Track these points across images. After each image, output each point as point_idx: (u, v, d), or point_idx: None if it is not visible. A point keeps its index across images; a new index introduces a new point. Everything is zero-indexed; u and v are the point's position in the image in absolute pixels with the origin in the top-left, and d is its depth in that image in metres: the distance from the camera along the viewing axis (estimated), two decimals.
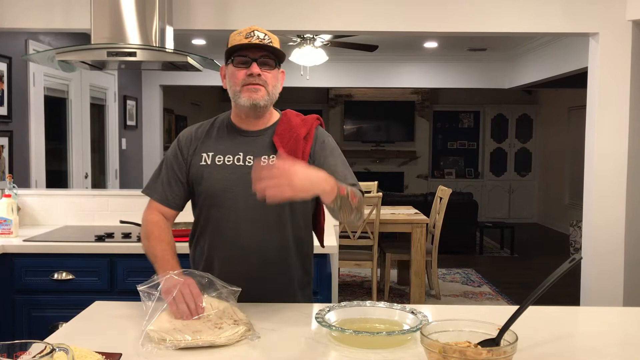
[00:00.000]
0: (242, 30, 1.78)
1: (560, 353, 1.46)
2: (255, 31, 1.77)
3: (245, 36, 1.76)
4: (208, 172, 1.82)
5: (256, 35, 1.76)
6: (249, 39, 1.75)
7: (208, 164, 1.83)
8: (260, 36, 1.76)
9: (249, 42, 1.75)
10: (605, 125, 3.72)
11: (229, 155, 1.82)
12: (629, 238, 3.72)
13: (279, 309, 1.78)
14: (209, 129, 1.90)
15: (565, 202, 9.69)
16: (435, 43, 7.43)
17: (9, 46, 4.57)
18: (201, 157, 1.85)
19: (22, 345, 1.09)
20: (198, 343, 1.42)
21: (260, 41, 1.75)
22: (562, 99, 9.80)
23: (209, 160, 1.84)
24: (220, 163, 1.82)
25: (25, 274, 2.84)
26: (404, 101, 10.87)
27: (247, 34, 1.76)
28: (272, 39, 1.79)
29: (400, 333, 1.47)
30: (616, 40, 3.67)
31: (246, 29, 1.78)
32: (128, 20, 3.13)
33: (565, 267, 1.34)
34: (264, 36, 1.77)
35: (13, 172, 4.54)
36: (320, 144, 1.87)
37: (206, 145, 1.86)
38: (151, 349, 1.40)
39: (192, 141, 1.88)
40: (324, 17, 3.70)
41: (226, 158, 1.82)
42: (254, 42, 1.75)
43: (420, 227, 5.07)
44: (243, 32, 1.77)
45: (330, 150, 1.87)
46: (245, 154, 1.82)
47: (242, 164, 1.81)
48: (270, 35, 1.79)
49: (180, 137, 1.91)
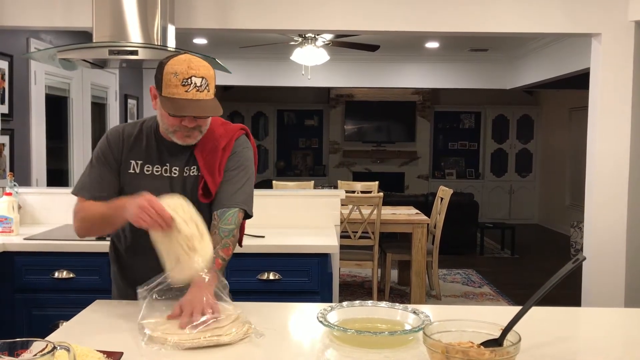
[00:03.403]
0: (178, 72, 1.66)
1: (562, 354, 1.46)
2: (193, 77, 1.66)
3: (182, 82, 1.66)
4: (136, 181, 1.83)
5: (193, 83, 1.66)
6: (185, 87, 1.66)
7: (137, 173, 1.85)
8: (197, 83, 1.66)
9: (185, 93, 1.66)
10: (607, 127, 3.71)
11: (157, 165, 1.85)
12: (630, 239, 3.72)
13: (280, 308, 1.78)
14: (137, 133, 1.89)
15: (566, 203, 9.69)
16: (436, 43, 7.42)
17: (10, 44, 4.57)
18: (129, 164, 1.86)
19: (24, 344, 1.08)
20: (202, 343, 1.41)
21: (197, 90, 1.66)
22: (564, 100, 9.80)
23: (137, 168, 1.85)
24: (149, 172, 1.85)
25: (25, 272, 2.83)
26: (405, 101, 10.87)
27: (184, 81, 1.66)
28: (208, 81, 1.69)
29: (403, 333, 1.47)
30: (618, 41, 3.66)
31: (183, 71, 1.66)
32: (130, 19, 3.13)
33: (569, 268, 1.34)
34: (201, 82, 1.67)
35: (14, 171, 4.54)
36: (233, 155, 1.87)
37: (134, 151, 1.86)
38: (157, 350, 1.39)
39: (121, 143, 1.87)
40: (326, 17, 3.69)
41: (155, 168, 1.85)
42: (190, 98, 1.66)
43: (421, 227, 5.07)
44: (180, 76, 1.66)
45: (238, 163, 1.87)
46: (172, 165, 1.85)
47: (169, 175, 1.85)
48: (207, 75, 1.69)
49: (110, 136, 1.89)
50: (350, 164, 11.16)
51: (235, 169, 1.86)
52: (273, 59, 7.96)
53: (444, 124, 11.19)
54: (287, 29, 3.86)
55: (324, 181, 10.62)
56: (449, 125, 11.20)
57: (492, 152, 11.09)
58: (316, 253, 2.80)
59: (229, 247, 1.76)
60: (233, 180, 1.84)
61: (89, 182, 1.85)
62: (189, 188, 1.84)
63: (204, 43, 7.26)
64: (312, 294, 2.78)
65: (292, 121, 11.23)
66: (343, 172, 11.04)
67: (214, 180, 1.82)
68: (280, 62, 7.96)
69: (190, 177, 1.85)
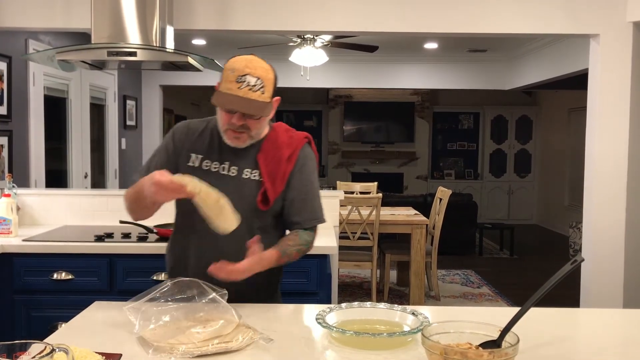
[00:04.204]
0: (236, 68, 1.71)
1: (561, 355, 1.46)
2: (248, 76, 1.70)
3: (236, 79, 1.70)
4: (194, 174, 1.81)
5: (247, 82, 1.70)
6: (239, 84, 1.70)
7: (195, 167, 1.87)
8: (250, 82, 1.70)
9: (238, 90, 1.70)
10: (605, 127, 3.71)
11: (216, 161, 1.88)
12: (629, 240, 3.72)
13: (279, 310, 1.78)
14: (203, 129, 1.93)
15: (565, 203, 9.70)
16: (435, 44, 7.43)
17: (8, 45, 4.57)
18: (189, 156, 1.89)
19: (22, 346, 1.08)
20: (210, 350, 1.41)
21: (249, 89, 1.70)
22: (562, 101, 9.81)
23: (197, 162, 1.88)
24: (207, 168, 1.87)
25: (24, 273, 2.83)
26: (403, 102, 10.87)
27: (239, 78, 1.70)
28: (264, 83, 1.73)
29: (402, 334, 1.47)
30: (617, 42, 3.67)
31: (240, 69, 1.71)
32: (128, 20, 3.13)
33: (567, 269, 1.34)
34: (256, 82, 1.71)
35: (12, 172, 4.53)
36: (300, 167, 1.91)
37: (197, 145, 1.90)
38: (165, 358, 1.38)
39: (185, 136, 1.92)
40: (325, 18, 3.69)
41: (213, 164, 1.88)
42: (241, 95, 1.70)
43: (420, 228, 5.07)
44: (236, 72, 1.71)
45: (305, 176, 1.91)
46: (231, 164, 1.87)
47: (226, 174, 1.86)
48: (264, 76, 1.73)
49: (176, 130, 1.95)
50: (349, 165, 11.16)
51: (306, 183, 1.91)
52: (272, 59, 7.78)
53: (442, 125, 11.20)
54: (286, 30, 3.86)
55: (323, 182, 10.62)
56: (447, 126, 11.21)
57: (491, 152, 11.09)
58: (315, 254, 2.79)
59: (300, 253, 1.86)
60: (305, 196, 1.90)
61: (145, 169, 1.89)
62: (247, 192, 1.85)
63: (203, 44, 7.26)
64: (311, 295, 2.78)
65: (291, 122, 11.23)
66: (342, 173, 11.04)
67: (275, 189, 1.85)
68: (279, 63, 7.87)
69: (251, 180, 1.86)
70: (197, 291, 1.62)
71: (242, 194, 1.83)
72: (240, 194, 1.82)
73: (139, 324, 1.52)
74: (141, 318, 1.53)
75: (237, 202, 1.78)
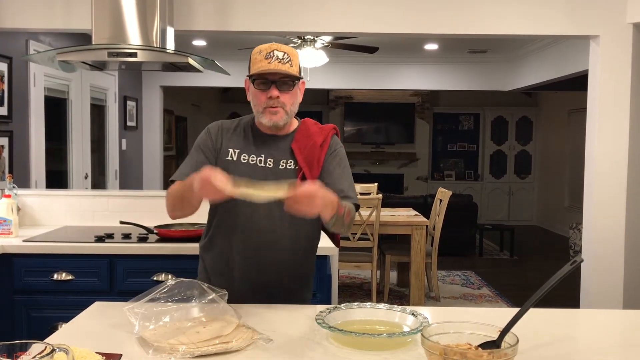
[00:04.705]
0: (262, 49, 1.85)
1: (561, 355, 1.46)
2: (275, 51, 1.84)
3: (265, 56, 1.83)
4: (233, 167, 1.90)
5: (275, 55, 1.84)
6: (268, 60, 1.83)
7: (234, 160, 1.93)
8: (279, 56, 1.84)
9: (268, 64, 1.82)
10: (605, 128, 3.72)
11: (252, 155, 1.94)
12: (629, 241, 3.72)
13: (279, 311, 1.78)
14: (235, 126, 2.00)
15: (565, 204, 9.70)
16: (435, 45, 7.43)
17: (9, 46, 4.57)
18: (227, 151, 1.95)
19: (23, 346, 1.08)
20: (211, 350, 1.41)
21: (279, 62, 1.83)
22: (562, 102, 9.81)
23: (235, 156, 1.94)
24: (245, 161, 1.93)
25: (25, 274, 2.83)
26: (404, 103, 10.88)
27: (267, 54, 1.84)
28: (291, 57, 1.86)
29: (401, 335, 1.47)
30: (617, 43, 3.67)
31: (266, 48, 1.85)
32: (129, 21, 3.13)
33: (567, 270, 1.35)
34: (283, 55, 1.85)
35: (13, 172, 4.54)
36: (332, 152, 2.00)
37: (233, 141, 1.96)
38: (165, 358, 1.38)
39: (221, 132, 1.98)
40: (325, 19, 3.70)
41: (250, 157, 1.94)
42: (272, 69, 1.82)
43: (420, 229, 5.07)
44: (263, 52, 1.84)
45: (339, 160, 2.00)
46: (267, 156, 1.94)
47: (263, 165, 1.93)
48: (289, 52, 1.87)
49: (210, 127, 2.01)
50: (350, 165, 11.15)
51: (339, 166, 1.99)
52: None
53: (443, 126, 11.20)
54: (286, 31, 3.86)
55: None
56: (448, 127, 11.21)
57: (491, 153, 11.09)
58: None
59: (350, 215, 1.86)
60: (341, 178, 1.96)
61: (186, 169, 1.93)
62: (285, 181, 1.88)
63: (203, 45, 7.26)
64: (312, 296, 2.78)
65: None
66: None
67: (312, 174, 1.92)
68: None
69: (287, 170, 1.93)
70: (197, 292, 1.63)
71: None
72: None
73: (139, 325, 1.52)
74: (141, 318, 1.53)
75: None
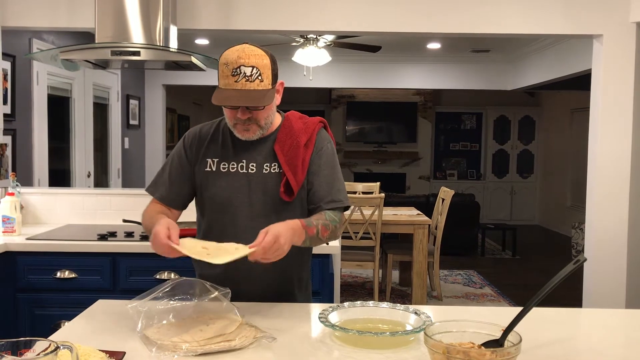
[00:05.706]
0: (229, 61, 1.67)
1: (563, 355, 1.46)
2: (242, 67, 1.66)
3: (231, 72, 1.66)
4: (213, 179, 1.84)
5: (242, 72, 1.66)
6: (235, 77, 1.66)
7: (213, 171, 1.85)
8: (246, 73, 1.66)
9: (235, 83, 1.66)
10: (608, 128, 3.71)
11: (232, 162, 1.84)
12: (631, 240, 3.72)
13: (282, 309, 1.78)
14: (213, 132, 1.90)
15: (567, 204, 9.68)
16: (438, 44, 7.42)
17: (12, 45, 4.58)
18: (206, 162, 1.86)
19: (27, 343, 1.09)
20: (214, 349, 1.41)
21: (246, 80, 1.66)
22: (565, 101, 9.79)
23: (214, 166, 1.85)
24: (225, 170, 1.84)
25: (28, 272, 2.84)
26: (406, 102, 10.87)
27: (234, 71, 1.66)
28: (260, 70, 1.68)
29: (404, 333, 1.47)
30: (620, 42, 3.66)
31: (233, 61, 1.66)
32: (132, 20, 3.13)
33: (570, 269, 1.35)
34: (251, 71, 1.67)
35: (16, 171, 4.54)
36: (318, 151, 1.86)
37: (211, 149, 1.87)
38: (169, 356, 1.38)
39: (197, 142, 1.89)
40: (328, 18, 3.70)
41: (230, 165, 1.84)
42: (238, 88, 1.67)
43: (422, 228, 5.07)
44: (230, 65, 1.67)
45: (325, 160, 1.86)
46: (249, 161, 1.84)
47: (245, 171, 1.83)
48: (258, 64, 1.68)
49: (186, 138, 1.92)
50: (352, 165, 11.16)
51: (326, 166, 1.85)
52: None
53: (445, 125, 11.19)
54: (289, 30, 3.86)
55: None
56: (450, 126, 11.20)
57: (494, 153, 11.08)
58: (317, 253, 2.80)
59: (328, 229, 1.76)
60: (327, 179, 1.84)
61: (159, 181, 1.90)
62: (270, 186, 1.82)
63: (206, 44, 7.27)
64: (314, 295, 2.77)
65: None
66: (344, 173, 10.98)
67: (297, 179, 1.80)
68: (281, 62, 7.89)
69: (272, 174, 1.82)
70: (200, 290, 1.63)
71: (266, 189, 1.82)
72: (264, 190, 1.82)
73: (142, 323, 1.53)
74: (144, 316, 1.54)
75: (262, 198, 1.80)
